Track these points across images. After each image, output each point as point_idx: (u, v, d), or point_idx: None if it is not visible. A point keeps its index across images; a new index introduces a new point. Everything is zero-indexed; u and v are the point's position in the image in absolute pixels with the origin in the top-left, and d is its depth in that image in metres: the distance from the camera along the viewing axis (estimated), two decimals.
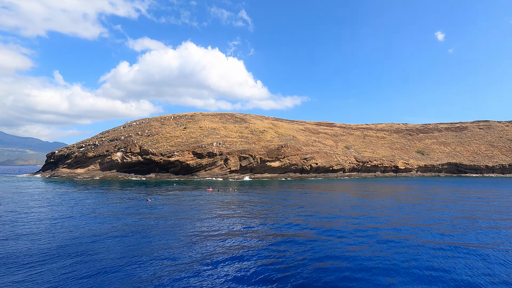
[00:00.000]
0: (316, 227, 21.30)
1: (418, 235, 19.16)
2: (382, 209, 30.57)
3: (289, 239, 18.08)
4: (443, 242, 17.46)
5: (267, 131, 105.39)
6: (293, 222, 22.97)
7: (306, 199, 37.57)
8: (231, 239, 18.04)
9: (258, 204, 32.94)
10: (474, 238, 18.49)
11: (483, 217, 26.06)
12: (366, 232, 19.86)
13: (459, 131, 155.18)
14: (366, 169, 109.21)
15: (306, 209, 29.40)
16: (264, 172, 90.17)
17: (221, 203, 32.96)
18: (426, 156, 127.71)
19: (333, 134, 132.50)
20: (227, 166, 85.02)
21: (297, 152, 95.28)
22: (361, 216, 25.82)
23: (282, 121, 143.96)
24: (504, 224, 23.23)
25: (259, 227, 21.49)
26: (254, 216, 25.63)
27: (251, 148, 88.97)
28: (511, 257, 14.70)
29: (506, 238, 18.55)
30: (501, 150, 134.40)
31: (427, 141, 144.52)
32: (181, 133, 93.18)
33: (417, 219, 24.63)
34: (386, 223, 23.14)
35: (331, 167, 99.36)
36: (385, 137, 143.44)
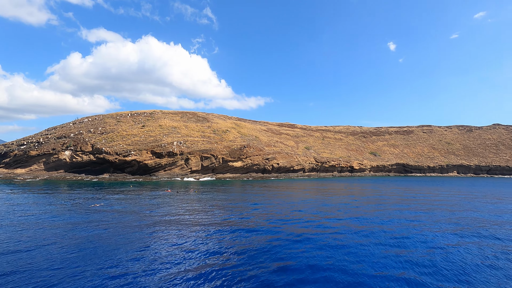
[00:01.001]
0: (278, 227, 21.61)
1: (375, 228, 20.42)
2: (340, 207, 32.08)
3: (250, 241, 18.04)
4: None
5: (230, 131, 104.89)
6: (255, 223, 23.03)
7: (268, 199, 38.00)
8: (189, 244, 17.47)
9: (219, 205, 32.50)
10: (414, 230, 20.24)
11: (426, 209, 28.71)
12: (326, 229, 20.64)
13: (406, 135, 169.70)
14: (324, 169, 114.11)
15: (268, 209, 29.72)
16: (226, 172, 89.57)
17: (180, 205, 31.89)
18: (378, 157, 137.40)
19: (294, 135, 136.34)
20: (188, 166, 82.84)
21: (260, 153, 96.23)
22: (320, 214, 26.81)
23: (245, 121, 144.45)
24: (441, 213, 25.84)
25: (219, 229, 21.18)
26: (215, 218, 25.20)
27: (213, 148, 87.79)
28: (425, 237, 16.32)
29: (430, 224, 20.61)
30: (441, 152, 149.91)
31: (379, 143, 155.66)
32: (139, 131, 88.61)
33: (373, 215, 26.29)
34: (343, 220, 24.31)
35: (292, 167, 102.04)
36: (342, 139, 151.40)
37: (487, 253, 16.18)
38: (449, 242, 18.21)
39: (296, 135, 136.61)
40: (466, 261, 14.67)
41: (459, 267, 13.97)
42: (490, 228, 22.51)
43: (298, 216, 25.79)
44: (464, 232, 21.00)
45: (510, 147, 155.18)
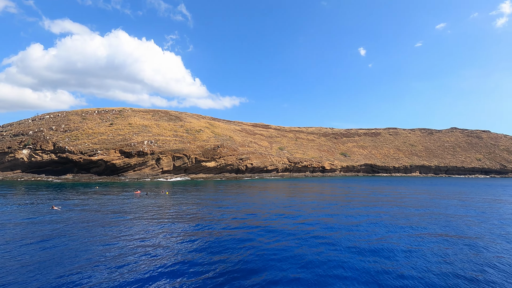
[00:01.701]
0: (251, 226, 21.49)
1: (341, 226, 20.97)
2: (313, 205, 32.69)
3: (222, 245, 17.74)
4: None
5: (204, 130, 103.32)
6: (227, 225, 22.73)
7: (241, 199, 37.79)
8: (157, 250, 16.80)
9: (192, 207, 31.73)
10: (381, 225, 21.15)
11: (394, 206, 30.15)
12: (298, 228, 20.86)
13: (374, 136, 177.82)
14: (297, 169, 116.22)
15: (241, 210, 29.51)
16: (199, 172, 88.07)
17: (150, 208, 30.71)
18: (348, 158, 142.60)
19: (268, 135, 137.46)
20: (159, 166, 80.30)
21: (233, 153, 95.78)
22: (294, 213, 27.11)
23: (219, 121, 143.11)
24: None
25: (191, 233, 20.62)
26: (186, 221, 24.52)
27: (186, 148, 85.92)
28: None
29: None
30: (405, 153, 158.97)
31: (349, 144, 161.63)
32: (106, 129, 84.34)
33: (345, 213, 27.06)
34: (314, 218, 24.76)
35: (265, 167, 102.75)
36: (315, 140, 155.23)
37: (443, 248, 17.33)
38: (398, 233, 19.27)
39: (270, 136, 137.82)
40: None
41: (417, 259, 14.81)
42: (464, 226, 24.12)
43: (274, 218, 25.88)
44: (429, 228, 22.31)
45: (465, 149, 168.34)
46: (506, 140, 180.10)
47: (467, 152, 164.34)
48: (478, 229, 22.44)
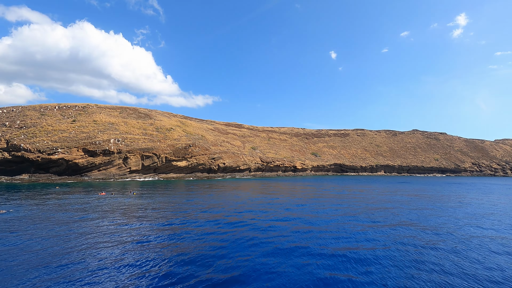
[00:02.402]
0: (222, 225, 21.20)
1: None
2: (283, 205, 33.07)
3: (194, 248, 17.30)
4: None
5: (175, 129, 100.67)
6: (199, 226, 22.24)
7: (213, 199, 37.25)
8: (123, 256, 15.98)
9: (161, 207, 30.68)
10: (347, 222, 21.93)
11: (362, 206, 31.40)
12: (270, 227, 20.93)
13: (343, 137, 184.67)
14: (269, 169, 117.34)
15: (213, 211, 29.06)
16: (169, 172, 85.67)
17: (115, 209, 29.24)
18: (318, 157, 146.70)
19: (241, 135, 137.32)
20: (127, 165, 76.89)
21: (206, 152, 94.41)
22: (265, 213, 27.21)
23: (191, 119, 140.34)
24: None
25: (160, 235, 19.90)
26: (155, 223, 23.64)
27: (156, 147, 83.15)
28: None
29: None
30: (371, 154, 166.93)
31: (320, 144, 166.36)
32: (68, 126, 79.08)
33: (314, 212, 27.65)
34: (285, 218, 25.05)
35: (238, 167, 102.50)
36: (287, 139, 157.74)
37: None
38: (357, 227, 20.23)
39: (243, 135, 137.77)
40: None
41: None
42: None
43: (245, 218, 25.78)
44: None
45: (425, 149, 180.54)
46: (460, 142, 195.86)
47: (426, 153, 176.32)
48: (435, 220, 24.09)
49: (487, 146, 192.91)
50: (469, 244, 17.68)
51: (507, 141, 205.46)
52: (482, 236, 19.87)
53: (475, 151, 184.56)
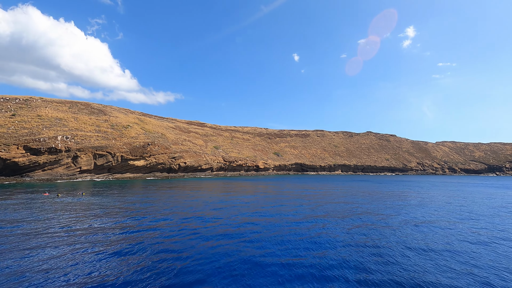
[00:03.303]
0: (181, 228, 20.33)
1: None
2: (244, 206, 32.91)
3: (149, 257, 16.30)
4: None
5: (132, 126, 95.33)
6: (156, 230, 21.09)
7: (172, 199, 35.78)
8: (68, 265, 14.49)
9: (113, 209, 28.62)
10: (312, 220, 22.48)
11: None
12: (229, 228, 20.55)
13: (304, 137, 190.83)
14: (232, 168, 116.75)
15: (171, 210, 27.85)
16: (126, 171, 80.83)
17: (60, 213, 26.62)
18: (280, 157, 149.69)
19: (204, 134, 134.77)
20: (77, 165, 70.86)
21: (166, 151, 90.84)
22: (225, 214, 26.77)
23: (150, 117, 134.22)
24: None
25: (111, 241, 18.47)
26: (105, 227, 21.94)
27: (111, 145, 77.89)
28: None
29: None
30: (330, 154, 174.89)
31: (282, 144, 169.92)
32: (6, 121, 70.57)
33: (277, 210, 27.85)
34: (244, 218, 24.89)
35: (199, 166, 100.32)
36: (250, 139, 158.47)
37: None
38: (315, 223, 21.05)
39: (206, 134, 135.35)
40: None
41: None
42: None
43: (207, 219, 25.08)
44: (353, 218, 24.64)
45: (377, 150, 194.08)
46: (407, 143, 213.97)
47: (378, 153, 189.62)
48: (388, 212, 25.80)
49: (429, 147, 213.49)
50: (406, 228, 19.20)
51: (445, 143, 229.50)
52: (427, 222, 21.73)
53: (420, 152, 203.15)
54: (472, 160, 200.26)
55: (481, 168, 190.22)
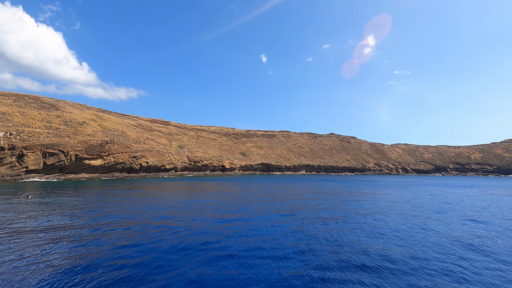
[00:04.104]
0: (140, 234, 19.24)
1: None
2: (214, 204, 32.26)
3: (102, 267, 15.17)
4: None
5: (89, 123, 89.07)
6: (106, 236, 19.74)
7: (132, 201, 33.89)
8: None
9: (61, 213, 26.36)
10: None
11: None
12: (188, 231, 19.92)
13: (270, 138, 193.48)
14: (197, 168, 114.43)
15: (131, 213, 26.32)
16: (80, 171, 75.22)
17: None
18: (246, 157, 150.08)
19: (168, 132, 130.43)
20: (23, 164, 64.34)
21: (126, 150, 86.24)
22: (193, 214, 25.98)
23: (110, 113, 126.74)
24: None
25: (59, 252, 16.91)
26: (51, 233, 20.10)
27: (64, 143, 71.99)
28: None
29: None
30: (295, 154, 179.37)
31: (248, 144, 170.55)
32: None
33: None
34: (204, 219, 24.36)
35: (163, 166, 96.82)
36: (216, 139, 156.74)
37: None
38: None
39: (170, 133, 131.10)
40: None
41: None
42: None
43: (171, 222, 24.11)
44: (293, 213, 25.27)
45: (339, 151, 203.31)
46: (366, 145, 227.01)
47: (340, 154, 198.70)
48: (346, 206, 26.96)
49: (386, 149, 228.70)
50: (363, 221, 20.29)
51: (399, 145, 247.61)
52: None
53: (377, 153, 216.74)
54: (422, 161, 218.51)
55: (429, 169, 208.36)
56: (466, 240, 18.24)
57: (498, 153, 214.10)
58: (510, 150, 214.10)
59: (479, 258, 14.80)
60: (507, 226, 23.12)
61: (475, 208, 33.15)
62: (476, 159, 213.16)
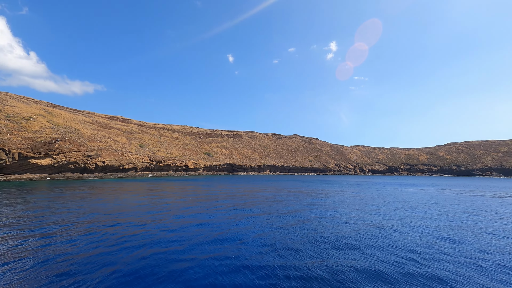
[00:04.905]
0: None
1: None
2: (176, 206, 31.07)
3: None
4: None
5: (36, 118, 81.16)
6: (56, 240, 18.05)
7: (82, 203, 31.40)
8: None
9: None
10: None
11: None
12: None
13: (235, 138, 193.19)
14: (159, 169, 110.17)
15: (81, 218, 24.34)
16: (25, 171, 68.17)
17: None
18: (211, 157, 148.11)
19: (128, 131, 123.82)
20: None
21: (80, 148, 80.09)
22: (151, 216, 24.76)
23: (62, 109, 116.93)
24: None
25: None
26: None
27: (5, 139, 64.74)
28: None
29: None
30: (260, 155, 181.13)
31: (213, 144, 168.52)
32: None
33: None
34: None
35: (121, 166, 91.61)
36: (180, 138, 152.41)
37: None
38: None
39: (130, 131, 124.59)
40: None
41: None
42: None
43: (129, 227, 22.77)
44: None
45: (302, 152, 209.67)
46: (327, 146, 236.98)
47: (303, 155, 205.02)
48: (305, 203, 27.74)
49: (345, 150, 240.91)
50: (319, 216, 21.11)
51: (357, 147, 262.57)
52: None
53: (337, 154, 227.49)
54: (377, 162, 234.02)
55: (384, 169, 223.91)
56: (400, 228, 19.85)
57: (441, 155, 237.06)
58: (451, 152, 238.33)
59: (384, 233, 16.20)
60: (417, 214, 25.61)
61: (424, 203, 36.24)
62: (424, 160, 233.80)
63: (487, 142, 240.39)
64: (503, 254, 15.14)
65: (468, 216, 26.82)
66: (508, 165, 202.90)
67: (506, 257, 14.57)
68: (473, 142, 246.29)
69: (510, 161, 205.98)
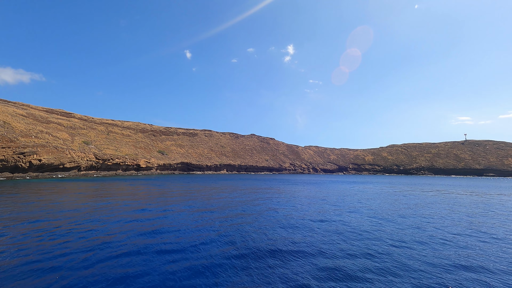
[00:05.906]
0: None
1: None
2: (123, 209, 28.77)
3: None
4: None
5: None
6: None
7: (11, 208, 27.46)
8: None
9: None
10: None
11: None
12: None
13: (192, 136, 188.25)
14: (107, 167, 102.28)
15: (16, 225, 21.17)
16: None
17: None
18: (165, 156, 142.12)
19: (70, 126, 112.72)
20: None
21: (10, 144, 70.61)
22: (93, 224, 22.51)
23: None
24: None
25: None
26: None
27: None
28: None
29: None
30: (217, 154, 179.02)
31: (168, 142, 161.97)
32: None
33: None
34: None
35: (62, 164, 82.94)
36: (131, 135, 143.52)
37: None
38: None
39: (73, 127, 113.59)
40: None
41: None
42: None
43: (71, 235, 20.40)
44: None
45: (259, 151, 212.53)
46: (283, 146, 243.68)
47: (260, 154, 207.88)
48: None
49: (300, 150, 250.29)
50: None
51: (311, 147, 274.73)
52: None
53: (292, 154, 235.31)
54: (328, 161, 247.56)
55: (334, 168, 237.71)
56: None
57: (384, 155, 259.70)
58: (392, 153, 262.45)
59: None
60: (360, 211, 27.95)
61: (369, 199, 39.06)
62: (369, 160, 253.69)
63: (421, 144, 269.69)
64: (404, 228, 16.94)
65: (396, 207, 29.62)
66: (437, 165, 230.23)
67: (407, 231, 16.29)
68: (410, 144, 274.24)
69: (439, 161, 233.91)
